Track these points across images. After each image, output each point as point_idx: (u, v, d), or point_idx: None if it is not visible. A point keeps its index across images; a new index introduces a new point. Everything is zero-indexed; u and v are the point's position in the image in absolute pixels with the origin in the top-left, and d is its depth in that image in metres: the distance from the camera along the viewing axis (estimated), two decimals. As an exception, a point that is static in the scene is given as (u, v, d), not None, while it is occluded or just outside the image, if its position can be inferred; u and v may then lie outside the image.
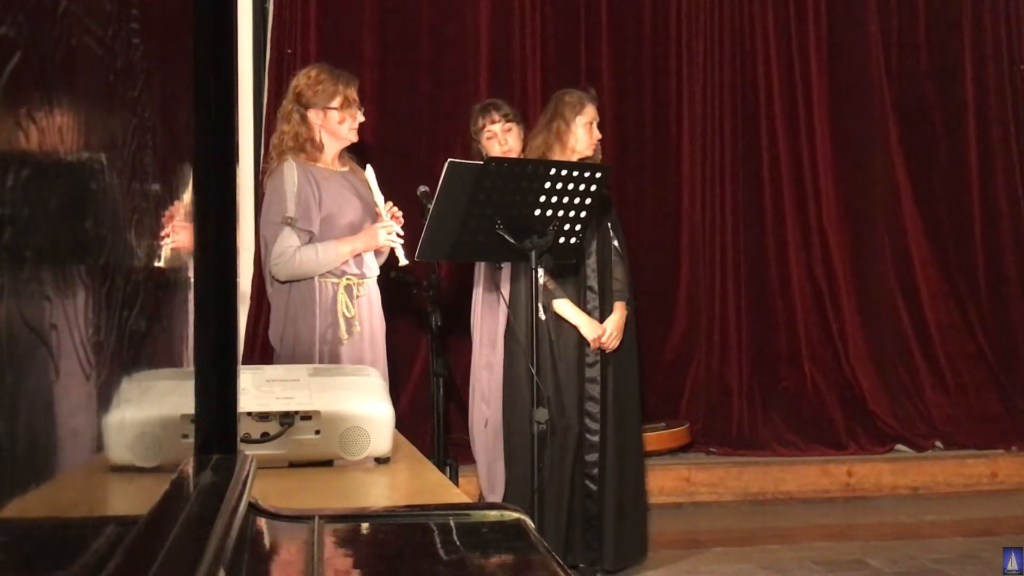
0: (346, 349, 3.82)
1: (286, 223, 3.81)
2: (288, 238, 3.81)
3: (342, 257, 3.85)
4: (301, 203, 3.83)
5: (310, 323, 3.82)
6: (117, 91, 0.82)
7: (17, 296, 0.57)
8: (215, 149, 1.18)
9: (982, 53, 6.01)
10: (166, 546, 0.82)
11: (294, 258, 3.79)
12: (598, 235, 4.24)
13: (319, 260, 3.81)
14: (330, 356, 3.79)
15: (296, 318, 3.84)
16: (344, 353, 3.80)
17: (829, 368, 5.80)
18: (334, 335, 3.82)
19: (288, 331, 3.85)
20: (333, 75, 3.98)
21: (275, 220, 3.83)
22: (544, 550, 1.13)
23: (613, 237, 4.32)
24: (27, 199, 0.58)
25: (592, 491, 4.17)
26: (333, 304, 3.84)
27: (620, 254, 4.33)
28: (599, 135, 4.32)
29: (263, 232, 3.92)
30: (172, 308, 1.10)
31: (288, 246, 3.80)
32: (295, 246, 3.80)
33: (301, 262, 3.80)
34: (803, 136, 5.79)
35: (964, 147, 5.98)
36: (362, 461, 2.07)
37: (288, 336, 3.85)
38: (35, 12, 0.60)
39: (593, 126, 4.29)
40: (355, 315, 3.85)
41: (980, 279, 5.99)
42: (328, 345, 3.81)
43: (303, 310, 3.83)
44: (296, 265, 3.80)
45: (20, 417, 0.58)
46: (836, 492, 5.49)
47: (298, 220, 3.82)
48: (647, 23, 5.65)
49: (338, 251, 3.84)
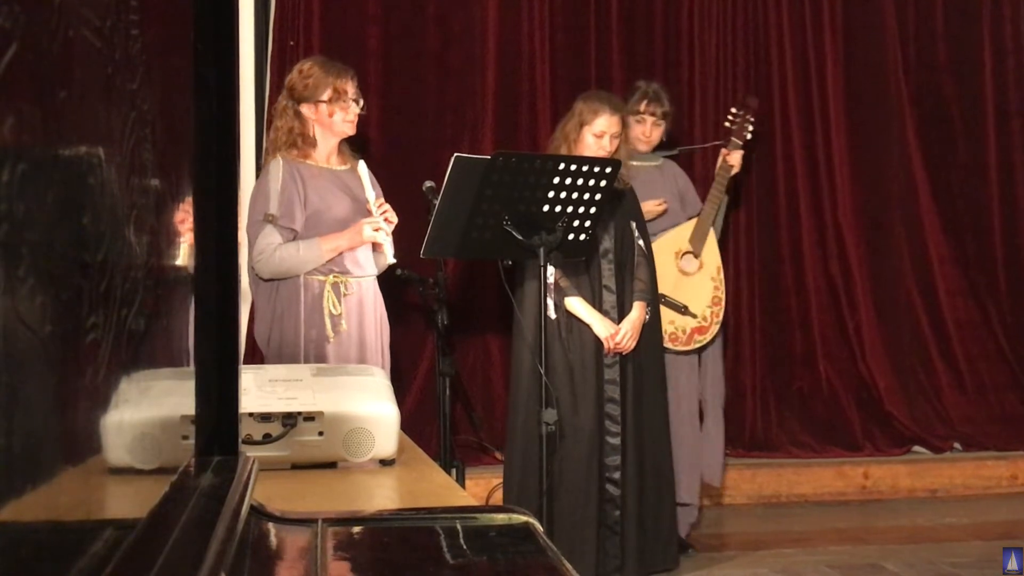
0: (332, 348, 3.78)
1: (267, 220, 3.80)
2: (269, 235, 3.79)
3: (326, 254, 3.82)
4: (284, 201, 3.81)
5: (295, 322, 3.80)
6: (115, 84, 0.81)
7: (13, 294, 0.56)
8: (216, 144, 1.18)
9: (1001, 46, 5.94)
10: (166, 550, 0.82)
11: (274, 255, 3.78)
12: (619, 233, 4.15)
13: (301, 257, 3.79)
14: (316, 355, 3.75)
15: (282, 317, 3.82)
16: (330, 352, 3.77)
17: (845, 368, 5.75)
18: (320, 334, 3.79)
19: (274, 331, 3.83)
20: (324, 68, 3.95)
21: (258, 218, 3.82)
22: (553, 554, 1.12)
23: (639, 237, 4.23)
24: (23, 195, 0.57)
25: (614, 496, 4.10)
26: (319, 302, 3.82)
27: (644, 254, 4.24)
28: (611, 148, 4.16)
29: (247, 230, 3.91)
30: (172, 306, 1.10)
31: (268, 243, 3.78)
32: (275, 243, 3.78)
33: (282, 259, 3.78)
34: (818, 131, 5.72)
35: (983, 142, 5.91)
36: (366, 463, 2.06)
37: (274, 336, 3.83)
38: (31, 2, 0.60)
39: (605, 139, 4.15)
40: (341, 313, 3.83)
41: (999, 276, 5.92)
42: (313, 344, 3.78)
43: (288, 309, 3.81)
44: (277, 262, 3.78)
45: (16, 418, 0.57)
46: (852, 495, 5.45)
47: (280, 218, 3.80)
48: (658, 15, 5.59)
49: (321, 248, 3.81)
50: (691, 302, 4.59)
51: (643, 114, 4.62)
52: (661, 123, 4.67)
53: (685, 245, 4.64)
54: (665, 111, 4.66)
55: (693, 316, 4.59)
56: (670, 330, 4.55)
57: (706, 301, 4.60)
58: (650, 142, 4.66)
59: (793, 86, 5.70)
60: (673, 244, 4.64)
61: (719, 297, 4.62)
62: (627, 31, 5.56)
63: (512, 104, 5.35)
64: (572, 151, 4.15)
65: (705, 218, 4.67)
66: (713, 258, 4.67)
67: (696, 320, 4.60)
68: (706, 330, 4.61)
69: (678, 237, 4.66)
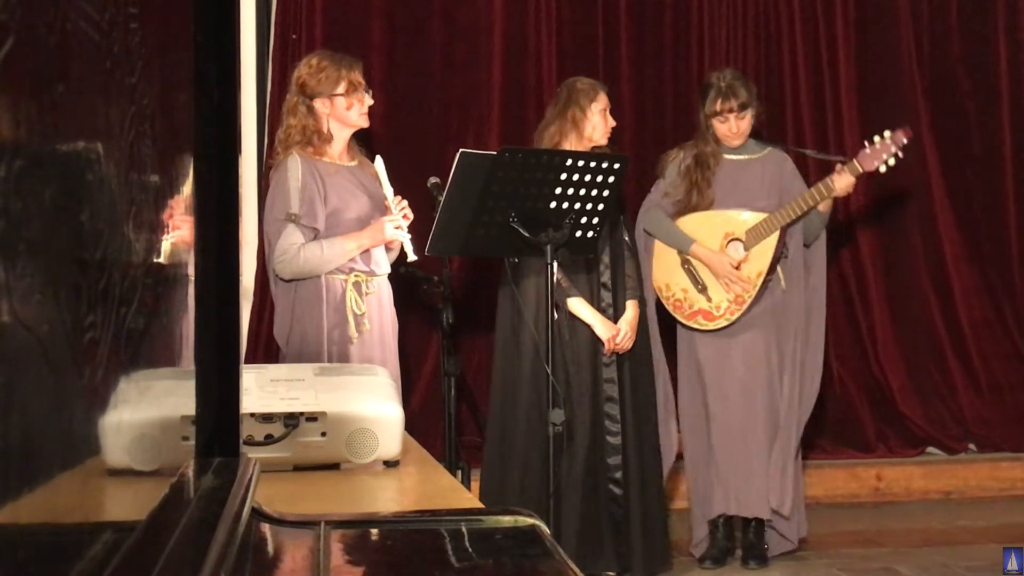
0: (356, 348, 3.78)
1: (290, 220, 3.78)
2: (292, 235, 3.77)
3: (348, 253, 3.81)
4: (305, 199, 3.79)
5: (317, 322, 3.78)
6: (114, 78, 0.81)
7: (10, 292, 0.56)
8: (216, 139, 1.17)
9: (1016, 38, 5.87)
10: (165, 553, 0.81)
11: (298, 256, 3.76)
12: (610, 228, 4.14)
13: (324, 257, 3.77)
14: (339, 355, 3.74)
15: (303, 317, 3.80)
16: (354, 352, 3.76)
17: (857, 368, 5.70)
18: (343, 334, 3.78)
19: (295, 330, 3.81)
20: (335, 60, 3.93)
21: (279, 217, 3.79)
22: (560, 557, 1.11)
23: (624, 231, 4.26)
24: (20, 191, 0.57)
25: (617, 495, 4.09)
26: (341, 302, 3.80)
27: (631, 248, 4.26)
28: (613, 123, 4.24)
29: (266, 229, 3.88)
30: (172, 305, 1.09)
31: (292, 243, 3.76)
32: (299, 243, 3.76)
33: (306, 259, 3.76)
34: (830, 125, 5.66)
35: (998, 136, 5.83)
36: (370, 464, 2.05)
37: (295, 335, 3.81)
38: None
39: (607, 114, 4.21)
40: (365, 312, 3.82)
41: (1015, 274, 5.85)
42: (337, 345, 3.77)
43: (310, 308, 3.79)
44: (301, 263, 3.76)
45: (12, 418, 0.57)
46: (865, 497, 5.42)
47: (302, 217, 3.78)
48: (668, 6, 5.54)
49: (344, 247, 3.80)
50: (713, 287, 4.37)
51: (721, 113, 4.37)
52: (745, 113, 4.38)
53: (741, 233, 4.36)
54: (743, 102, 4.35)
55: (708, 300, 4.38)
56: (678, 297, 4.41)
57: (729, 295, 4.35)
58: (741, 135, 4.41)
59: (805, 79, 5.65)
60: (728, 225, 4.38)
61: (744, 299, 4.33)
62: (635, 24, 5.52)
63: (518, 99, 5.33)
64: (581, 135, 4.14)
65: (773, 219, 4.33)
66: (760, 263, 4.35)
67: (708, 304, 4.38)
68: (712, 319, 4.38)
69: (738, 221, 4.38)
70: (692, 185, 4.38)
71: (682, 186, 4.41)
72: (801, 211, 4.32)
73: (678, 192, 4.41)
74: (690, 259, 4.38)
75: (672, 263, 4.44)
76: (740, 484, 4.32)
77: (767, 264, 4.33)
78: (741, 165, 4.44)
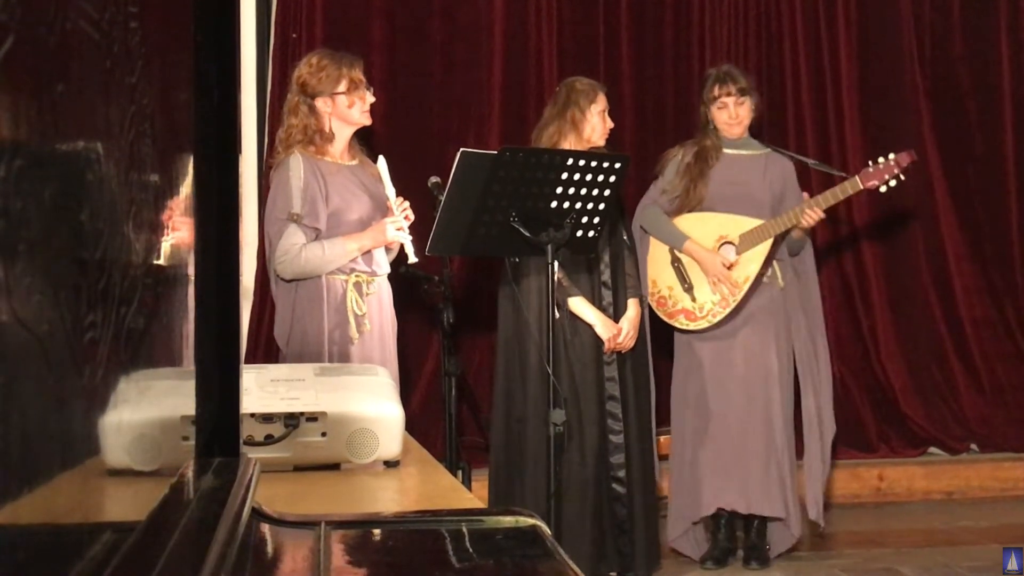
0: (356, 348, 3.77)
1: (291, 219, 3.77)
2: (293, 235, 3.76)
3: (350, 254, 3.80)
4: (307, 199, 3.78)
5: (318, 322, 3.77)
6: (114, 77, 0.81)
7: (9, 292, 0.56)
8: (217, 138, 1.17)
9: (1019, 37, 5.87)
10: (165, 553, 0.81)
11: (300, 256, 3.75)
12: (610, 226, 4.13)
13: (325, 257, 3.77)
14: (340, 356, 3.73)
15: (303, 317, 3.79)
16: (354, 353, 3.75)
17: (859, 368, 5.70)
18: (343, 334, 3.78)
19: (295, 330, 3.81)
20: (335, 58, 3.92)
21: (280, 216, 3.78)
22: (561, 558, 1.10)
23: (624, 231, 4.26)
24: (20, 191, 0.57)
25: (620, 494, 4.09)
26: (342, 302, 3.80)
27: (629, 246, 4.26)
28: (611, 124, 4.24)
29: (267, 228, 3.88)
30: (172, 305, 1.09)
31: (293, 243, 3.76)
32: (300, 243, 3.76)
33: (307, 260, 3.75)
34: (832, 124, 5.66)
35: (1000, 135, 5.83)
36: (370, 464, 2.05)
37: (295, 335, 3.80)
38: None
39: (606, 115, 4.21)
40: (365, 313, 3.82)
41: (1017, 273, 5.85)
42: (337, 345, 3.76)
43: (311, 308, 3.79)
44: (302, 263, 3.76)
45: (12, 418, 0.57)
46: (866, 497, 5.42)
47: (304, 216, 3.77)
48: (669, 6, 5.55)
49: (345, 248, 3.79)
50: (700, 288, 4.36)
51: (720, 98, 4.37)
52: (744, 99, 4.37)
53: (735, 237, 4.35)
54: (742, 86, 4.36)
55: (692, 300, 4.37)
56: (663, 294, 4.40)
57: (714, 297, 4.34)
58: (741, 122, 4.39)
59: (806, 78, 5.66)
60: (723, 228, 4.36)
61: (728, 301, 4.31)
62: (636, 24, 5.52)
63: (519, 99, 5.33)
64: (580, 136, 4.13)
65: (768, 227, 4.30)
66: (749, 268, 4.32)
67: (691, 304, 4.36)
68: (693, 320, 4.36)
69: (733, 225, 4.36)
70: (691, 180, 4.38)
71: (680, 183, 4.41)
72: (792, 225, 4.33)
73: (676, 189, 4.42)
74: (680, 258, 4.38)
75: (662, 261, 4.44)
76: (754, 483, 4.29)
77: (756, 270, 4.33)
78: (742, 160, 4.43)
